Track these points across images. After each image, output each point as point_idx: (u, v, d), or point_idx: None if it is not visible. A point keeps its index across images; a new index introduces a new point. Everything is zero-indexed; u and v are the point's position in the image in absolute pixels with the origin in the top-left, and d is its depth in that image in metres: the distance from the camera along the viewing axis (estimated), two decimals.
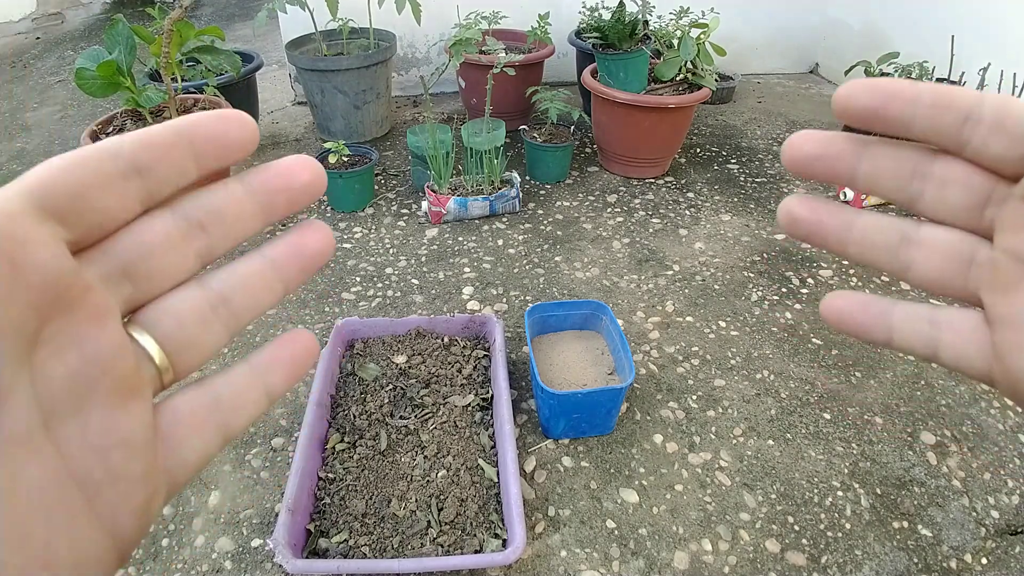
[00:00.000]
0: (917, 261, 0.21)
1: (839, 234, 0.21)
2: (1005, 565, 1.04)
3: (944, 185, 0.20)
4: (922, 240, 0.21)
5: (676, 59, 2.00)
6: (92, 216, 0.17)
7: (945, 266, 0.20)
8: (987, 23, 2.20)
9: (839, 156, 0.20)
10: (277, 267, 0.20)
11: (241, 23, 4.31)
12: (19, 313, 0.15)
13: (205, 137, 0.19)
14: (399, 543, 1.00)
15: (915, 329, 0.21)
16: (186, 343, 0.19)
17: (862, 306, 0.21)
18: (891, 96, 0.19)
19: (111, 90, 1.70)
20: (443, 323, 1.39)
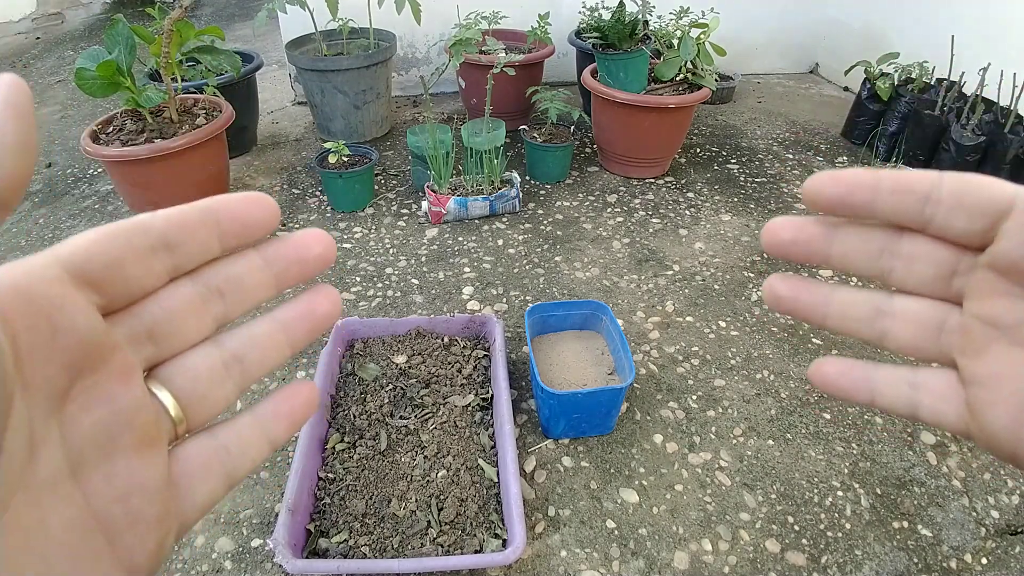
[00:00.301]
0: (892, 331, 0.22)
1: (818, 309, 0.23)
2: (1005, 565, 1.04)
3: (912, 261, 0.22)
4: (895, 311, 0.22)
5: (676, 59, 2.00)
6: (123, 284, 0.19)
7: (918, 334, 0.22)
8: (987, 23, 2.20)
9: (811, 240, 0.22)
10: (287, 329, 0.22)
11: (241, 23, 4.31)
12: (53, 371, 0.17)
13: (230, 218, 0.20)
14: (399, 543, 1.00)
15: (896, 392, 0.22)
16: (200, 398, 0.21)
17: (846, 373, 0.23)
18: (854, 185, 0.21)
19: (111, 90, 1.70)
20: (443, 323, 1.39)
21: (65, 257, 0.18)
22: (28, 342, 0.16)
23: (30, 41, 3.98)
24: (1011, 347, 0.20)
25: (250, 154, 2.39)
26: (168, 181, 1.75)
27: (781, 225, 0.22)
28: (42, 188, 2.19)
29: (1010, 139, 1.85)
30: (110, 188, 2.15)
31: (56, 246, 0.18)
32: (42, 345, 0.17)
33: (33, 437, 0.16)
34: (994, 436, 0.20)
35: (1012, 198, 0.19)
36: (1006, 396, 0.20)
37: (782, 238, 0.22)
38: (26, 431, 0.16)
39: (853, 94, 2.67)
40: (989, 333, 0.20)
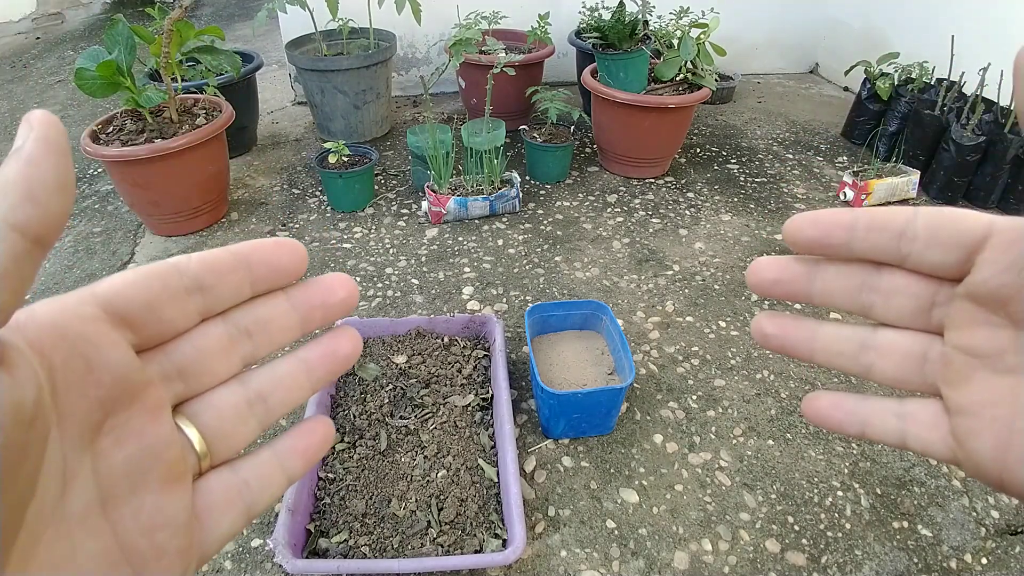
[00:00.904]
0: (877, 364, 0.23)
1: (805, 345, 0.24)
2: (1005, 565, 1.04)
3: (891, 296, 0.22)
4: (879, 345, 0.23)
5: (676, 59, 2.00)
6: (157, 324, 0.20)
7: (902, 366, 0.23)
8: (987, 23, 2.20)
9: (794, 279, 0.23)
10: (309, 370, 0.23)
11: (241, 23, 4.31)
12: (88, 407, 0.18)
13: (261, 262, 0.21)
14: (399, 543, 1.00)
15: (884, 423, 0.23)
16: (225, 434, 0.21)
17: (838, 405, 0.24)
18: (831, 226, 0.21)
19: (111, 90, 1.70)
20: (443, 323, 1.39)
21: (103, 296, 0.19)
22: (64, 378, 0.17)
23: (30, 41, 3.98)
24: (992, 375, 0.21)
25: (250, 154, 2.39)
26: (168, 181, 1.75)
27: (765, 265, 0.23)
28: None
29: (1010, 139, 1.85)
30: (110, 188, 2.15)
31: (94, 284, 0.19)
32: (78, 381, 0.17)
33: (66, 471, 0.17)
34: (980, 464, 0.21)
35: (987, 229, 0.20)
36: (989, 424, 0.20)
37: (766, 277, 0.23)
38: (60, 465, 0.17)
39: (853, 94, 2.67)
40: (970, 363, 0.21)
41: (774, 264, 0.23)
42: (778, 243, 1.85)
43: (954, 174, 1.97)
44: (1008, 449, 0.20)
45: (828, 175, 2.22)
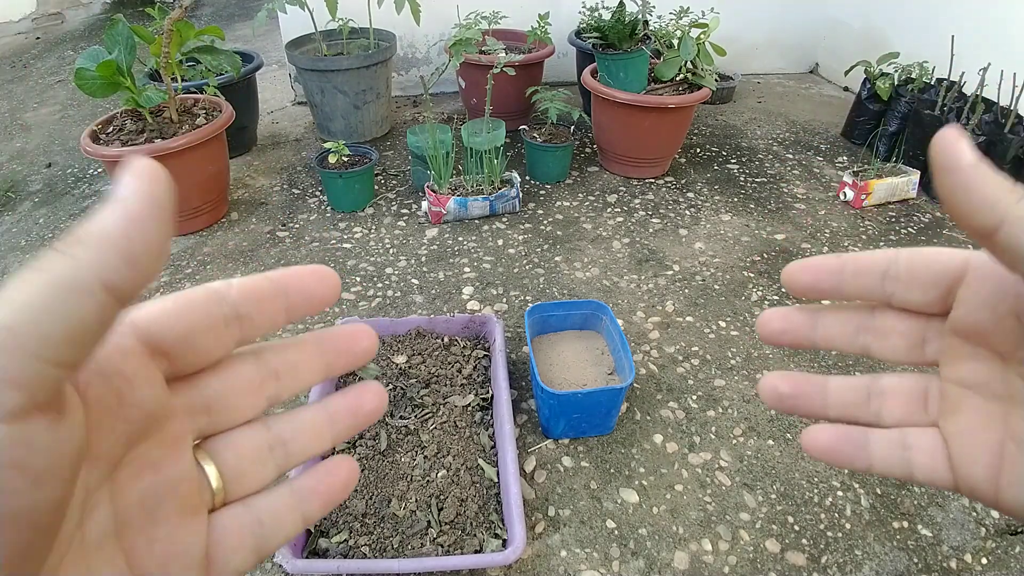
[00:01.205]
0: (885, 408, 0.24)
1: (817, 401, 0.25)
2: (1005, 565, 1.04)
3: (885, 336, 0.23)
4: (884, 390, 0.24)
5: (676, 59, 2.00)
6: (194, 355, 0.20)
7: (908, 408, 0.24)
8: (987, 23, 2.20)
9: (798, 328, 0.24)
10: (333, 421, 0.23)
11: (241, 23, 4.31)
12: (115, 441, 0.18)
13: (298, 291, 0.21)
14: (399, 543, 1.00)
15: (891, 455, 0.23)
16: (241, 475, 0.21)
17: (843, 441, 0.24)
18: (821, 272, 0.23)
19: (111, 90, 1.70)
20: (443, 323, 1.39)
21: (143, 327, 0.18)
22: (96, 414, 0.17)
23: (30, 41, 3.98)
24: (983, 402, 0.22)
25: (250, 154, 2.39)
26: None
27: (771, 316, 0.25)
28: (42, 188, 2.19)
29: (1010, 139, 1.85)
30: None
31: (133, 311, 0.19)
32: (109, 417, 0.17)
33: (87, 501, 0.17)
34: (975, 488, 0.21)
35: (962, 266, 0.21)
36: (981, 448, 0.21)
37: (773, 328, 0.24)
38: (83, 495, 0.17)
39: (853, 94, 2.67)
40: (962, 392, 0.22)
41: (780, 315, 0.24)
42: (778, 243, 1.85)
43: None
44: (1000, 472, 0.21)
45: (828, 175, 2.22)
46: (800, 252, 1.81)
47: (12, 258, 1.83)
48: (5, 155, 2.44)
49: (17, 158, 2.41)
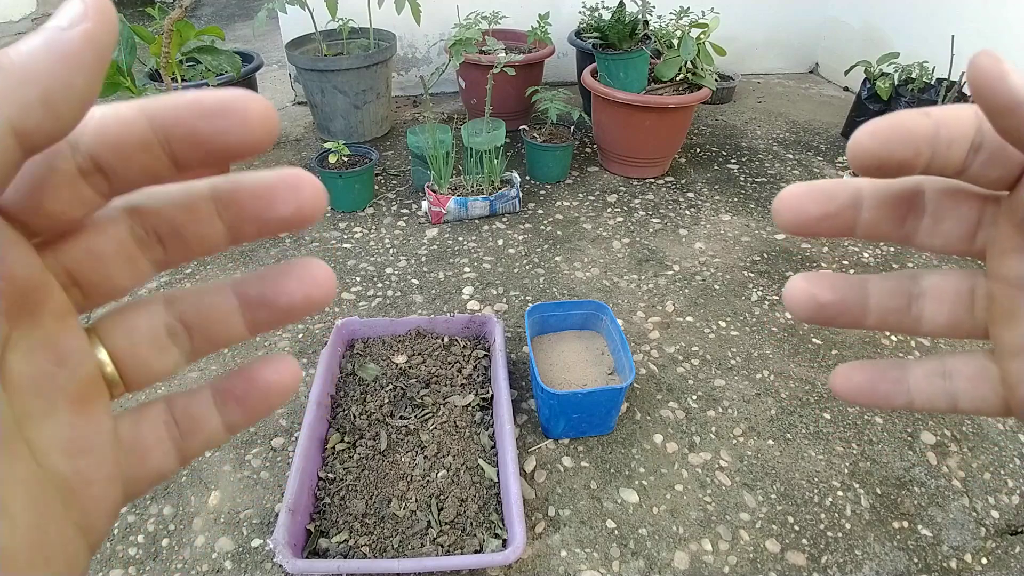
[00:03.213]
0: (927, 312, 0.21)
1: (859, 310, 0.21)
2: (1005, 565, 1.04)
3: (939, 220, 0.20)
4: (925, 291, 0.21)
5: (676, 59, 2.00)
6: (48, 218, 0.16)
7: (953, 310, 0.20)
8: (987, 23, 2.20)
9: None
10: (248, 305, 0.19)
11: (241, 23, 4.31)
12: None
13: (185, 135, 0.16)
14: (399, 543, 1.00)
15: (932, 386, 0.21)
16: (139, 362, 0.18)
17: (878, 378, 0.21)
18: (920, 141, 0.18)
19: (111, 90, 1.70)
20: (443, 323, 1.39)
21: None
22: None
23: None
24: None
25: None
26: None
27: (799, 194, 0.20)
28: None
29: None
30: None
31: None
32: None
33: None
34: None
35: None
36: None
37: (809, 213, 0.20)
38: None
39: (853, 94, 2.67)
40: (1015, 296, 0.19)
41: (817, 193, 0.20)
42: (778, 243, 1.85)
43: None
44: None
45: (828, 175, 2.22)
46: (800, 252, 1.81)
47: None
48: None
49: None
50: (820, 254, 1.80)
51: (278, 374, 0.19)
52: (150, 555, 1.04)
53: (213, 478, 1.16)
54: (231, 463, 1.19)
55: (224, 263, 1.76)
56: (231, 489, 1.15)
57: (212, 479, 1.16)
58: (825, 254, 1.80)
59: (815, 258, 1.78)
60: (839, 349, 1.46)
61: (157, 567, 1.03)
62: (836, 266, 1.74)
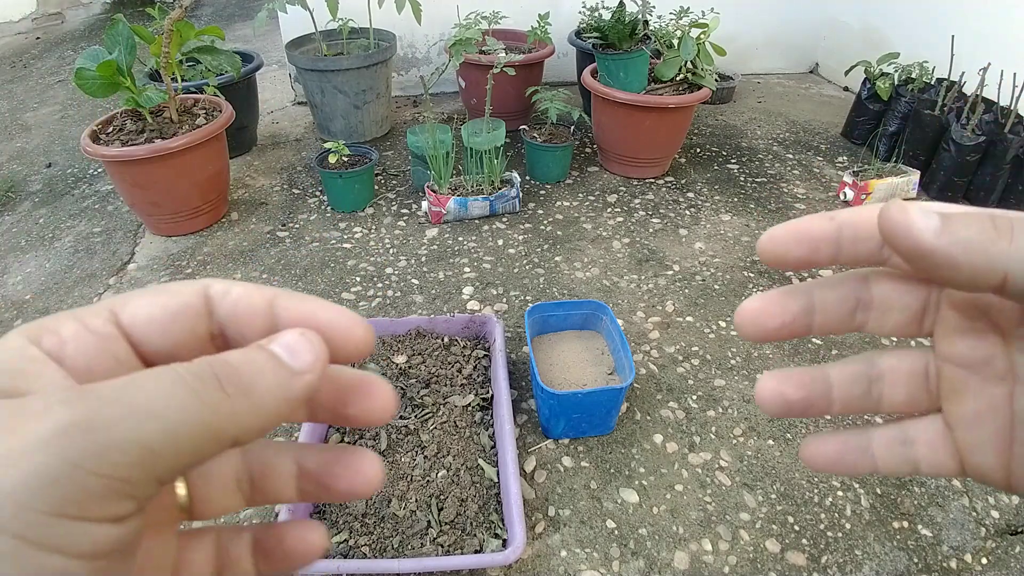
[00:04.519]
0: (886, 394, 0.22)
1: (825, 402, 0.22)
2: (1005, 565, 1.04)
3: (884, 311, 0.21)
4: (883, 374, 0.22)
5: (676, 59, 2.00)
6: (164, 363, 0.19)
7: (909, 390, 0.22)
8: (987, 23, 2.20)
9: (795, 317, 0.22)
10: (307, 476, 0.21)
11: (241, 23, 4.31)
12: None
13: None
14: (399, 543, 1.00)
15: (894, 454, 0.22)
16: (207, 498, 0.21)
17: (845, 450, 0.23)
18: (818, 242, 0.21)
19: (111, 90, 1.70)
20: (443, 323, 1.39)
21: (126, 327, 0.18)
22: None
23: (30, 41, 3.98)
24: (985, 384, 0.20)
25: (250, 154, 2.39)
26: (168, 181, 1.75)
27: (762, 311, 0.21)
28: (42, 188, 2.19)
29: (1010, 139, 1.85)
30: (110, 188, 2.15)
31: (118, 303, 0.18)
32: None
33: None
34: (986, 475, 0.20)
35: None
36: (989, 434, 0.20)
37: (768, 326, 0.22)
38: None
39: (853, 94, 2.67)
40: (961, 373, 0.20)
41: (770, 305, 0.21)
42: None
43: (954, 174, 1.97)
44: (1012, 459, 0.20)
45: (828, 175, 2.22)
46: None
47: (12, 258, 1.83)
48: (5, 155, 2.44)
49: (17, 158, 2.41)
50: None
51: (303, 543, 0.21)
52: None
53: None
54: None
55: (224, 263, 1.76)
56: None
57: None
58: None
59: None
60: (839, 349, 1.46)
61: None
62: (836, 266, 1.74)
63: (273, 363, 0.17)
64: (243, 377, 0.16)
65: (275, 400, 0.17)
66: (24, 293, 1.68)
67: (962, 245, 0.17)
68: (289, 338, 0.17)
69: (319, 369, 0.17)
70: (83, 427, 0.14)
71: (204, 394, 0.16)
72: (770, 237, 0.20)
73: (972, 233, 0.17)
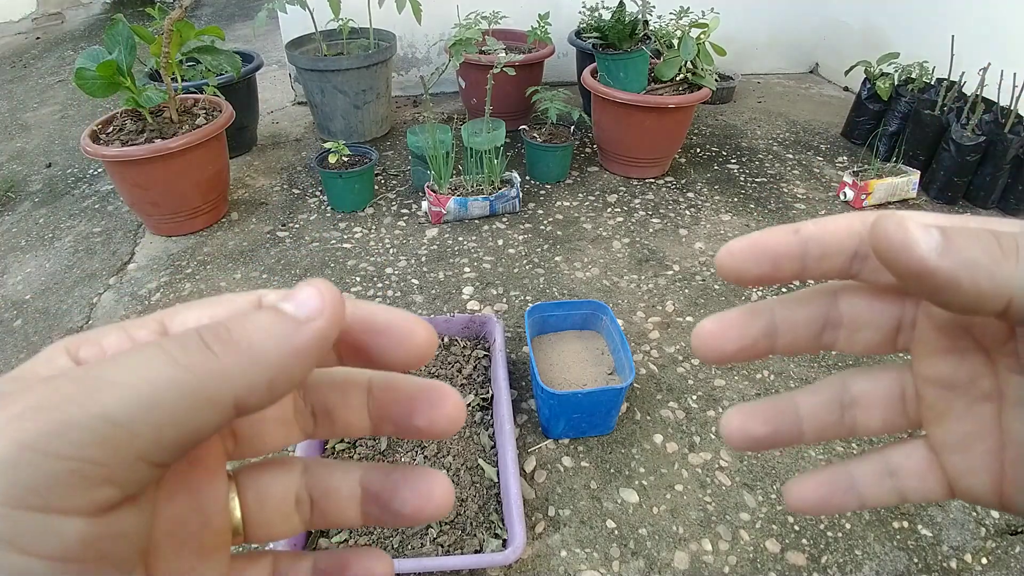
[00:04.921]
0: (861, 419, 0.21)
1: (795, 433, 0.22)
2: (1005, 565, 1.04)
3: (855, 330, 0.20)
4: (856, 399, 0.21)
5: (676, 59, 2.00)
6: None
7: (886, 414, 0.21)
8: (987, 23, 2.20)
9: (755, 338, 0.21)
10: (366, 500, 0.20)
11: (241, 23, 4.31)
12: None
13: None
14: (399, 543, 1.00)
15: (880, 487, 0.21)
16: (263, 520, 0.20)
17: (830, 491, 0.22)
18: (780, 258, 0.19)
19: (111, 90, 1.70)
20: (443, 323, 1.39)
21: None
22: None
23: (30, 41, 3.98)
24: (971, 405, 0.19)
25: (250, 154, 2.39)
26: (168, 181, 1.75)
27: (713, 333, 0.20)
28: (42, 188, 2.19)
29: (1010, 139, 1.85)
30: (110, 188, 2.15)
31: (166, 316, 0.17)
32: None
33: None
34: (978, 497, 0.20)
35: None
36: (980, 458, 0.19)
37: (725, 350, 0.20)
38: None
39: (853, 94, 2.67)
40: (944, 395, 0.19)
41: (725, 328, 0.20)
42: None
43: (954, 174, 1.97)
44: (1003, 481, 0.19)
45: (828, 175, 2.22)
46: None
47: (12, 258, 1.83)
48: (5, 155, 2.44)
49: (17, 158, 2.41)
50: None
51: (369, 573, 0.20)
52: None
53: None
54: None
55: (224, 263, 1.76)
56: None
57: None
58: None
59: None
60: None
61: None
62: None
63: (272, 316, 0.15)
64: (234, 333, 0.15)
65: (279, 353, 0.15)
66: (24, 293, 1.68)
67: (967, 266, 0.15)
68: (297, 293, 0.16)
69: (330, 316, 0.16)
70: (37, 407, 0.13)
71: (183, 357, 0.14)
72: (728, 252, 0.19)
73: (977, 253, 0.15)
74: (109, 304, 1.63)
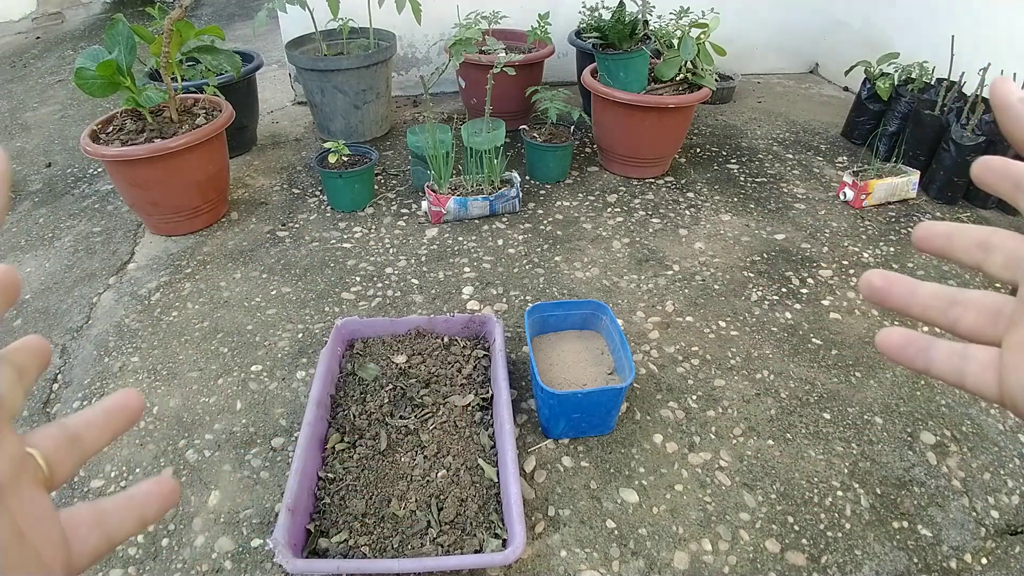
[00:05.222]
0: (962, 318, 0.25)
1: (904, 300, 0.26)
2: (1005, 565, 1.04)
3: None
4: (967, 301, 0.25)
5: (676, 59, 2.00)
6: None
7: (980, 319, 0.25)
8: (987, 23, 2.20)
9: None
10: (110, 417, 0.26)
11: (241, 23, 4.31)
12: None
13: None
14: (399, 543, 1.00)
15: (948, 361, 0.25)
16: (58, 463, 0.24)
17: (909, 344, 0.26)
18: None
19: (111, 90, 1.70)
20: (443, 323, 1.39)
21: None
22: None
23: (30, 41, 3.98)
24: None
25: (250, 154, 2.39)
26: (168, 181, 1.75)
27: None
28: (42, 188, 2.19)
29: None
30: (110, 188, 2.15)
31: None
32: None
33: None
34: (1014, 396, 0.22)
35: None
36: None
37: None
38: None
39: (853, 94, 2.67)
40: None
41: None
42: (778, 243, 1.85)
43: (954, 174, 1.97)
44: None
45: (828, 175, 2.22)
46: (800, 252, 1.81)
47: (12, 258, 1.83)
48: None
49: (17, 158, 2.41)
50: (820, 254, 1.80)
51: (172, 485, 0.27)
52: (150, 555, 1.04)
53: (213, 478, 1.16)
54: (231, 463, 1.19)
55: (223, 263, 1.76)
56: (231, 489, 1.15)
57: (212, 479, 1.16)
58: (825, 254, 1.80)
59: (815, 258, 1.78)
60: (839, 349, 1.46)
61: (157, 567, 1.03)
62: (836, 265, 1.74)
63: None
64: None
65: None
66: (24, 293, 1.68)
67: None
68: None
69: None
70: None
71: None
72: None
73: None
74: (109, 304, 1.63)
